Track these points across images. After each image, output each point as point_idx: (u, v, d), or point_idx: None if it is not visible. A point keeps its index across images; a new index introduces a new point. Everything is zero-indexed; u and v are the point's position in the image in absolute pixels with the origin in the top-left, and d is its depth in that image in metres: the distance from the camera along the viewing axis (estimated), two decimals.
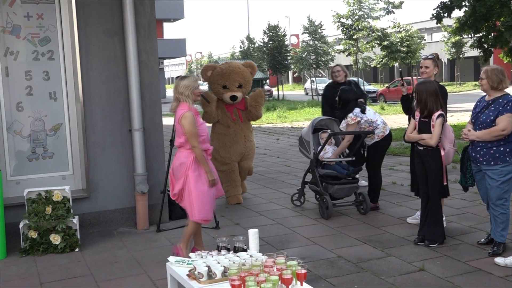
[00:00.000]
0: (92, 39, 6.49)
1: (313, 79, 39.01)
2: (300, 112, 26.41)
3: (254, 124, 21.23)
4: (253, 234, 4.00)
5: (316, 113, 25.71)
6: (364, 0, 30.42)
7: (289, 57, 39.60)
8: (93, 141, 6.53)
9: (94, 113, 6.48)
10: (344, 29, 31.21)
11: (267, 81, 40.56)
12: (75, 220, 5.98)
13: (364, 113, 6.93)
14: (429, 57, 6.35)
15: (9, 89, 6.40)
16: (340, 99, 7.02)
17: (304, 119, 23.17)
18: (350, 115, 6.88)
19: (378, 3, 30.38)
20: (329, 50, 38.74)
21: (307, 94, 36.56)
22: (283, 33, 38.96)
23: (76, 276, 5.24)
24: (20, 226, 5.86)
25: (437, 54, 6.62)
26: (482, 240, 5.69)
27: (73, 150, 6.68)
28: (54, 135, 6.63)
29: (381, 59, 32.20)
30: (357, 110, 6.91)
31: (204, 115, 7.61)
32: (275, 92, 41.16)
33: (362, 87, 32.24)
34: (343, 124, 6.98)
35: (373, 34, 30.48)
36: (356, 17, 30.62)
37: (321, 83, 33.83)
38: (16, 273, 5.34)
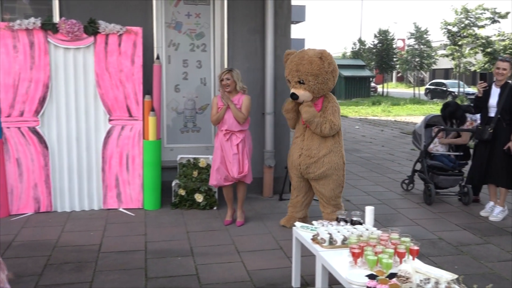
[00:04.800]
0: (238, 36, 6.65)
1: (446, 81, 36.84)
2: (402, 107, 25.41)
3: (361, 115, 21.06)
4: (369, 211, 3.92)
5: (417, 109, 24.61)
6: (472, 10, 28.37)
7: (395, 59, 38.12)
8: None
9: None
10: (450, 35, 29.37)
11: (374, 79, 39.34)
12: None
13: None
14: (507, 59, 5.76)
15: (170, 74, 6.76)
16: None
17: (406, 114, 22.25)
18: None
19: (485, 13, 28.20)
20: (433, 54, 36.71)
21: (427, 94, 34.88)
22: (391, 37, 37.59)
23: (214, 229, 5.46)
24: (172, 184, 6.21)
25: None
26: None
27: (215, 127, 6.91)
28: (201, 113, 6.92)
29: (483, 65, 29.93)
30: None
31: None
32: (380, 89, 40.09)
33: (462, 89, 30.32)
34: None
35: (477, 41, 28.37)
36: (463, 25, 28.66)
37: (453, 87, 31.97)
38: (168, 221, 5.68)
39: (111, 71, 5.81)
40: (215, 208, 6.15)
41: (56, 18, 5.97)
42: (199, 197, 6.08)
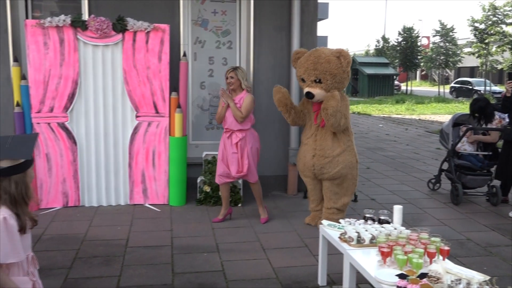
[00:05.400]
0: (264, 33, 6.65)
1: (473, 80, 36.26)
2: (427, 106, 25.05)
3: (384, 114, 20.84)
4: (397, 210, 3.88)
5: (442, 108, 24.24)
6: (500, 7, 27.79)
7: (419, 56, 37.58)
8: (257, 118, 6.68)
9: (261, 94, 6.66)
10: (477, 33, 28.83)
11: (397, 77, 38.85)
12: (240, 181, 6.24)
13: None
14: None
15: (196, 71, 6.79)
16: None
17: (431, 112, 21.94)
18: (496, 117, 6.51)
19: None
20: (458, 52, 36.07)
21: (452, 92, 34.33)
22: (416, 34, 37.05)
23: (240, 226, 5.48)
24: (198, 181, 6.25)
25: None
26: None
27: None
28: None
29: (510, 63, 29.31)
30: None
31: None
32: (403, 87, 39.59)
33: (488, 88, 29.69)
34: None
35: (505, 39, 27.80)
36: (490, 22, 28.09)
37: (479, 86, 31.39)
38: (193, 217, 5.72)
39: (139, 68, 5.87)
40: (239, 205, 6.17)
41: (85, 16, 6.05)
42: None
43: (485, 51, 29.21)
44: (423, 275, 2.78)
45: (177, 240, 4.99)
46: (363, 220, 3.94)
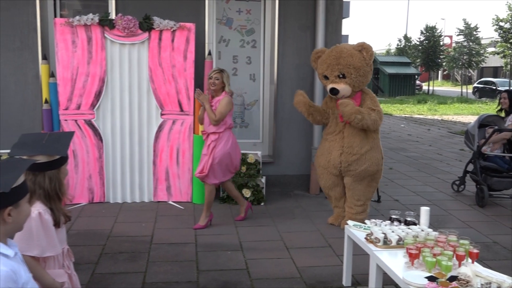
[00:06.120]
0: (288, 32, 6.64)
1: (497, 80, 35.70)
2: (449, 106, 24.70)
3: (406, 113, 20.60)
4: (424, 211, 3.84)
5: (465, 108, 23.89)
6: None
7: (441, 56, 37.08)
8: (281, 117, 6.73)
9: (285, 94, 6.66)
10: (502, 32, 28.32)
11: (419, 76, 38.39)
12: (263, 180, 6.25)
13: None
14: None
15: None
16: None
17: (453, 113, 21.64)
18: None
19: None
20: (482, 51, 35.47)
21: (474, 93, 33.79)
22: (439, 34, 36.58)
23: (263, 225, 5.49)
24: None
25: None
26: None
27: (264, 123, 6.96)
28: (250, 109, 6.96)
29: None
30: None
31: None
32: (425, 87, 39.13)
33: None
34: (508, 121, 6.42)
35: None
36: None
37: (503, 86, 30.83)
38: (216, 215, 5.71)
39: (164, 66, 5.92)
40: (262, 203, 6.18)
41: (112, 15, 6.12)
42: (247, 192, 6.12)
43: (510, 51, 28.66)
44: (453, 278, 2.76)
45: (200, 237, 5.03)
46: (389, 221, 3.92)
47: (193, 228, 5.27)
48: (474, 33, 34.73)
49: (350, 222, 4.00)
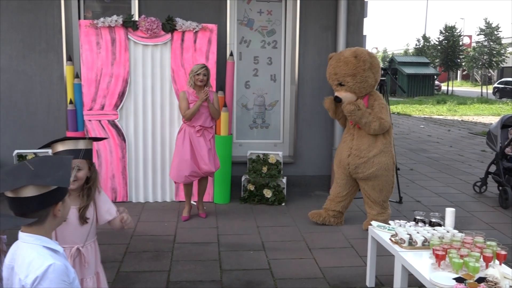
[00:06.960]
0: (309, 33, 6.64)
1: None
2: (469, 107, 24.38)
3: (425, 114, 20.37)
4: (450, 212, 3.82)
5: (485, 109, 23.57)
6: None
7: (461, 56, 36.63)
8: (302, 118, 6.74)
9: (305, 94, 6.67)
10: None
11: (438, 76, 37.98)
12: (284, 180, 6.27)
13: None
14: None
15: (241, 70, 6.85)
16: None
17: (473, 114, 21.36)
18: None
19: None
20: (502, 51, 34.93)
21: (495, 93, 33.34)
22: (458, 33, 36.14)
23: (283, 225, 5.50)
24: (242, 179, 6.31)
25: None
26: None
27: (284, 123, 6.97)
28: (271, 110, 6.97)
29: None
30: None
31: None
32: (444, 87, 38.69)
33: None
34: None
35: None
36: None
37: None
38: (238, 215, 5.78)
39: (187, 67, 5.97)
40: (283, 204, 6.19)
41: (136, 16, 6.20)
42: (268, 193, 6.14)
43: None
44: (481, 280, 2.74)
45: (223, 237, 5.06)
46: (413, 222, 3.90)
47: (203, 217, 5.66)
48: (496, 32, 34.24)
49: (373, 223, 3.99)
